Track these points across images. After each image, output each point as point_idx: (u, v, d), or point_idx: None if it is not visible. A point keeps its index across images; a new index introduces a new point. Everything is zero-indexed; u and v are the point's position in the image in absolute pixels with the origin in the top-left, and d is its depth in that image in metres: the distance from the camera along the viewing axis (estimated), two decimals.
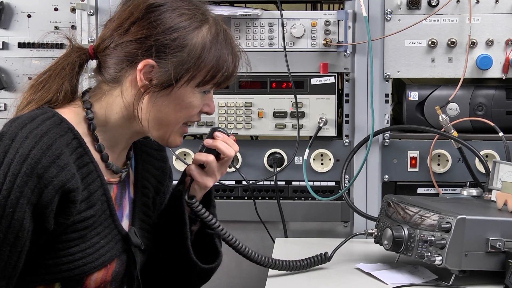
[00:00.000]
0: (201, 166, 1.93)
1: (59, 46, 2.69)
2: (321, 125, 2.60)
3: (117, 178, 1.86)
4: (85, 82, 1.95)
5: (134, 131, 1.83)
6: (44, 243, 1.70)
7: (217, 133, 1.91)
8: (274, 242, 2.56)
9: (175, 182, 2.00)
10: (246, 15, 2.60)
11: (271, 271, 2.20)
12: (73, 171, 1.69)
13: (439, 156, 2.62)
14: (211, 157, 1.90)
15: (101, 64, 1.81)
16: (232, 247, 2.05)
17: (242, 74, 1.86)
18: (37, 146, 1.64)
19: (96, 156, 1.79)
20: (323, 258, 2.24)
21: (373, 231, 2.27)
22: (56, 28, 2.69)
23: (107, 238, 1.79)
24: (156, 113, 1.78)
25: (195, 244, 1.95)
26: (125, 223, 1.87)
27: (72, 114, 1.78)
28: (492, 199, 2.33)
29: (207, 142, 1.90)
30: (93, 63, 1.86)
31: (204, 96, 1.81)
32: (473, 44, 2.57)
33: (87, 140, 1.78)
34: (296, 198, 2.67)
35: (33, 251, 1.69)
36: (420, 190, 2.63)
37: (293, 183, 2.67)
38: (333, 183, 2.66)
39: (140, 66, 1.74)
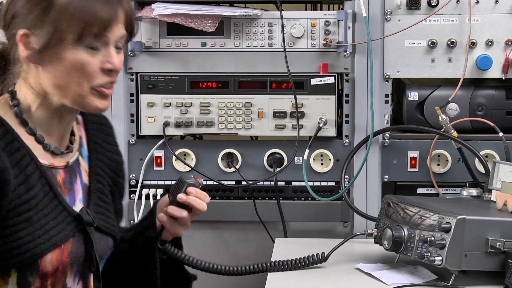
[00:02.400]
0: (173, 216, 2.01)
1: None
2: (321, 125, 2.61)
3: (63, 163, 1.89)
4: None
5: (57, 108, 1.84)
6: None
7: (190, 189, 1.97)
8: (274, 242, 2.56)
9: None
10: (246, 15, 2.60)
11: (272, 272, 2.20)
12: (3, 160, 1.73)
13: (439, 156, 2.62)
14: (184, 213, 1.98)
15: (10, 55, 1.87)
16: (206, 271, 2.14)
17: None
18: None
19: (30, 140, 1.83)
20: (320, 258, 2.24)
21: (373, 231, 2.27)
22: None
23: (57, 219, 1.82)
24: (54, 80, 1.79)
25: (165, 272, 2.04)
26: (78, 207, 1.90)
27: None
28: (492, 199, 2.33)
29: (181, 198, 1.97)
30: None
31: (97, 52, 1.79)
32: (473, 44, 2.57)
33: (18, 126, 1.82)
34: (296, 198, 2.67)
35: None
36: (420, 190, 2.63)
37: (293, 183, 2.67)
38: (333, 183, 2.66)
39: (17, 38, 1.78)
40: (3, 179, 1.72)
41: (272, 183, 2.65)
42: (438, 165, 2.62)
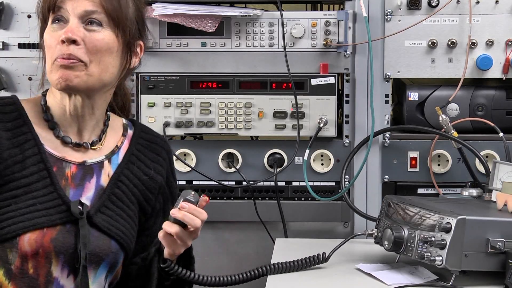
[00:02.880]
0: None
1: None
2: (321, 125, 2.60)
3: (79, 160, 1.96)
4: None
5: (59, 99, 1.97)
6: None
7: (182, 204, 1.90)
8: (274, 242, 2.56)
9: None
10: (246, 15, 2.60)
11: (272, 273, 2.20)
12: None
13: (439, 156, 2.62)
14: (175, 228, 1.90)
15: None
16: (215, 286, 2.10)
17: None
18: None
19: (46, 133, 1.95)
20: (320, 259, 2.24)
21: (373, 231, 2.27)
22: None
23: (46, 204, 1.87)
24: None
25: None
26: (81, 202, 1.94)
27: (31, 101, 1.99)
28: (492, 199, 2.33)
29: (174, 214, 1.91)
30: None
31: (58, 28, 1.92)
32: (473, 45, 2.57)
33: (39, 119, 1.96)
34: (296, 199, 2.67)
35: None
36: (420, 191, 2.63)
37: (293, 183, 2.67)
38: (333, 184, 2.66)
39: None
40: None
41: (273, 183, 2.65)
42: (439, 165, 2.62)
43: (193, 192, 1.92)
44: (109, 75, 1.93)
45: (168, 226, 1.90)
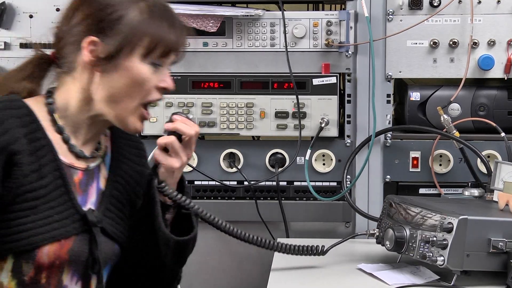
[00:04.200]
0: (166, 150, 1.96)
1: None
2: (322, 125, 2.60)
3: (84, 166, 1.92)
4: None
5: (93, 116, 1.89)
6: None
7: (175, 116, 1.95)
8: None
9: None
10: (248, 15, 2.60)
11: (273, 273, 2.20)
12: (17, 135, 1.78)
13: (440, 156, 2.62)
14: (172, 138, 1.94)
15: (59, 59, 1.91)
16: (211, 224, 2.05)
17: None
18: None
19: (56, 137, 1.87)
20: (318, 251, 2.23)
21: (375, 231, 2.27)
22: None
23: (62, 214, 1.84)
24: (109, 89, 1.84)
25: (172, 229, 1.98)
26: (88, 208, 1.91)
27: (32, 101, 1.89)
28: (494, 199, 2.33)
29: (167, 126, 1.95)
30: None
31: (157, 70, 1.86)
32: (474, 45, 2.57)
33: (47, 122, 1.87)
34: (297, 199, 2.67)
35: None
36: (422, 191, 2.63)
37: (295, 183, 2.67)
38: (334, 184, 2.66)
39: (84, 44, 1.83)
40: (17, 162, 1.76)
41: (274, 183, 2.65)
42: (440, 165, 2.62)
43: (180, 112, 1.97)
44: None
45: (164, 138, 1.93)
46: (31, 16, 2.69)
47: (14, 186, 1.77)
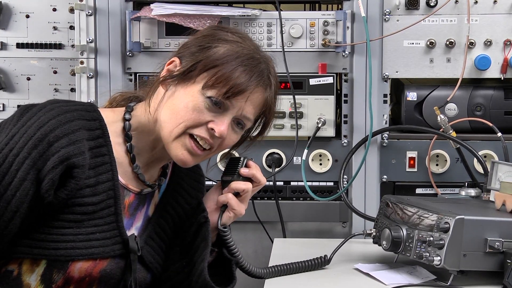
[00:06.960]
0: (235, 194, 1.98)
1: (58, 46, 2.69)
2: (319, 125, 2.61)
3: (137, 189, 1.91)
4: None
5: (154, 138, 1.88)
6: (41, 217, 1.76)
7: (250, 162, 1.97)
8: (272, 242, 2.56)
9: None
10: (244, 15, 2.60)
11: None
12: (83, 149, 1.76)
13: (437, 156, 2.62)
14: (250, 185, 1.96)
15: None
16: (246, 273, 2.09)
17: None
18: (58, 118, 1.75)
19: (120, 155, 1.86)
20: (323, 261, 2.23)
21: (372, 231, 2.27)
22: (55, 28, 2.69)
23: (104, 233, 1.82)
24: (168, 107, 1.84)
25: (210, 271, 1.97)
26: (131, 233, 1.90)
27: (109, 112, 1.89)
28: (490, 199, 2.33)
29: (244, 171, 1.96)
30: None
31: (215, 109, 1.84)
32: (471, 45, 2.57)
33: (117, 138, 1.86)
34: (294, 199, 2.67)
35: (30, 221, 1.74)
36: (418, 191, 2.63)
37: (292, 183, 2.67)
38: (331, 184, 2.66)
39: (167, 61, 1.88)
40: (74, 176, 1.75)
41: (271, 183, 2.64)
42: (437, 165, 2.63)
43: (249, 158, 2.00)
44: None
45: (242, 184, 1.95)
46: (27, 16, 2.69)
47: (66, 197, 1.76)
